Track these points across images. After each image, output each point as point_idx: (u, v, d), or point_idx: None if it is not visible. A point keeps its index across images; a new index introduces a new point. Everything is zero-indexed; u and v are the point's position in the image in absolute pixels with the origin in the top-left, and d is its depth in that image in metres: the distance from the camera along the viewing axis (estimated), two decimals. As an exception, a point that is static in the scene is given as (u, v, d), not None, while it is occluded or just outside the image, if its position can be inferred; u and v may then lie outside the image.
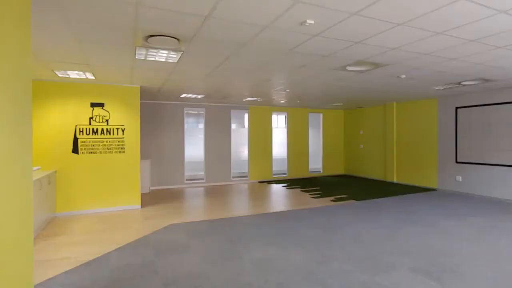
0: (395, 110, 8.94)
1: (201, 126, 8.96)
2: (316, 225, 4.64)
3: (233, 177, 9.26)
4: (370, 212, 5.46)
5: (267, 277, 2.93)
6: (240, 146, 9.67)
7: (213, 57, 3.94)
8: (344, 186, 8.41)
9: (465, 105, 7.16)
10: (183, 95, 7.20)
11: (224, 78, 5.27)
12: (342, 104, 9.24)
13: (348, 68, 4.51)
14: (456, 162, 7.33)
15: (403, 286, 2.73)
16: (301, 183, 8.91)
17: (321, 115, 10.70)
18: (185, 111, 8.63)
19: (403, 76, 5.12)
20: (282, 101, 8.46)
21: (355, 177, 10.19)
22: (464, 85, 6.03)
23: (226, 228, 4.55)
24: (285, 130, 10.16)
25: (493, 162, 6.62)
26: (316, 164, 10.76)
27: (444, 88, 6.40)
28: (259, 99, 7.99)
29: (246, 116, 9.57)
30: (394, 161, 8.96)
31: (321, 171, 10.74)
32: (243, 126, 9.85)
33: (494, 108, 6.59)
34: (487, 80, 5.55)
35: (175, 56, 3.85)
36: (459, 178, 7.26)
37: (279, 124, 10.77)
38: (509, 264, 3.21)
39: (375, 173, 9.74)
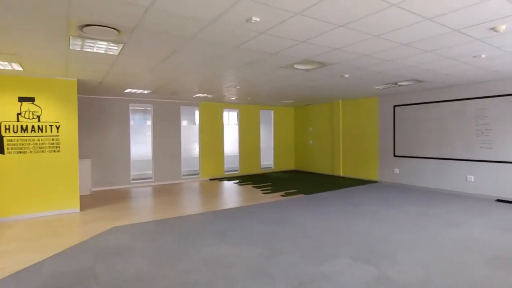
0: (341, 108, 9.48)
1: (149, 123, 8.60)
2: (266, 220, 4.75)
3: (184, 175, 9.06)
4: (318, 205, 5.74)
5: (216, 274, 2.93)
6: (191, 143, 9.49)
7: (158, 51, 3.80)
8: (294, 181, 8.71)
9: (401, 104, 7.85)
10: (127, 90, 6.83)
11: (171, 73, 5.11)
12: (292, 101, 9.54)
13: (296, 66, 4.67)
14: (394, 156, 8.03)
15: (345, 273, 2.93)
16: (253, 180, 9.03)
17: (272, 112, 10.93)
18: (131, 107, 8.21)
19: (347, 75, 5.45)
20: (233, 98, 8.47)
21: (305, 172, 10.61)
22: (400, 85, 6.61)
23: (175, 227, 4.45)
24: (236, 127, 10.20)
25: (424, 155, 7.37)
26: (267, 160, 10.98)
27: (383, 88, 6.94)
28: (210, 96, 7.91)
29: (197, 112, 9.40)
30: (341, 156, 9.51)
31: (273, 167, 10.99)
32: (194, 123, 9.68)
33: (426, 106, 7.33)
34: (419, 81, 6.14)
35: (115, 48, 3.64)
36: (397, 171, 7.96)
37: (231, 120, 10.78)
38: (436, 247, 3.61)
39: (323, 168, 10.24)
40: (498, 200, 5.97)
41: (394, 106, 8.01)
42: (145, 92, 7.08)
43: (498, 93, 6.13)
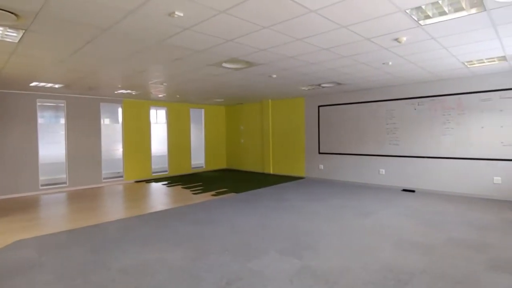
0: (270, 107, 9.83)
1: (63, 121, 7.71)
2: (195, 221, 4.67)
3: (105, 178, 8.36)
4: (248, 203, 5.85)
5: (137, 283, 2.77)
6: (114, 144, 8.80)
7: (69, 41, 3.42)
8: (225, 180, 8.74)
9: (325, 104, 8.48)
10: (34, 84, 6.00)
11: (87, 66, 4.66)
12: (223, 100, 9.55)
13: (224, 65, 4.67)
14: (319, 153, 8.64)
15: (271, 267, 3.05)
16: (183, 180, 8.79)
17: (203, 110, 10.78)
18: (39, 103, 7.24)
19: (274, 76, 5.66)
20: (161, 95, 8.11)
21: (236, 171, 10.74)
22: (323, 87, 7.13)
23: (92, 236, 4.07)
24: (165, 126, 9.80)
25: (345, 151, 8.10)
26: (198, 159, 10.81)
27: (309, 89, 7.40)
28: (134, 92, 7.43)
29: (120, 110, 8.76)
30: (270, 154, 9.87)
31: (204, 167, 10.87)
32: (117, 122, 9.00)
33: (346, 107, 8.05)
34: (339, 84, 6.70)
35: (14, 34, 3.17)
36: (321, 167, 8.59)
37: (159, 119, 10.32)
38: (352, 235, 4.00)
39: (254, 166, 10.50)
40: (404, 190, 6.88)
41: (319, 106, 8.62)
42: (56, 86, 6.32)
43: (403, 96, 7.05)
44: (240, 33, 3.28)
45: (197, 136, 10.80)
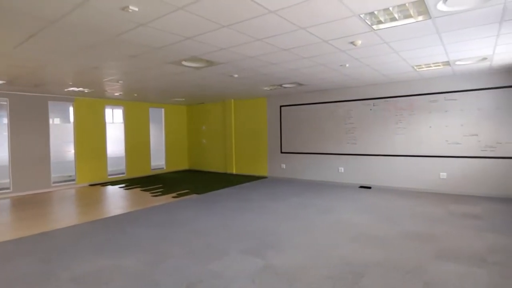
0: (233, 107, 9.81)
1: (6, 121, 7.06)
2: (154, 224, 4.52)
3: (55, 183, 7.81)
4: (210, 203, 5.79)
5: (92, 293, 2.62)
6: (65, 145, 8.25)
7: (10, 32, 3.14)
8: (187, 181, 8.58)
9: (287, 104, 8.65)
10: (-32, 78, 5.44)
11: (32, 61, 4.31)
12: (184, 99, 9.35)
13: (184, 63, 4.58)
14: (281, 152, 8.79)
15: (233, 268, 3.04)
16: (141, 182, 8.48)
17: (163, 110, 10.47)
18: (-25, 100, 6.58)
19: (236, 75, 5.66)
20: (117, 94, 7.74)
21: (198, 172, 10.58)
22: (285, 87, 7.26)
23: (40, 245, 3.78)
24: (122, 126, 9.37)
25: (306, 151, 8.32)
26: (159, 160, 10.49)
27: (270, 89, 7.50)
28: (87, 90, 7.02)
29: (71, 109, 8.22)
30: (233, 154, 9.86)
31: (164, 168, 10.57)
32: (69, 121, 8.45)
33: (307, 107, 8.27)
34: (300, 84, 6.87)
35: None
36: (284, 166, 8.75)
37: (115, 118, 9.87)
38: (313, 232, 4.12)
39: (217, 166, 10.42)
40: (361, 187, 7.23)
41: (281, 106, 8.77)
42: (-4, 82, 5.78)
43: (360, 97, 7.41)
44: (199, 31, 3.23)
45: (157, 137, 10.47)
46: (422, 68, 5.40)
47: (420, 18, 3.09)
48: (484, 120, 5.98)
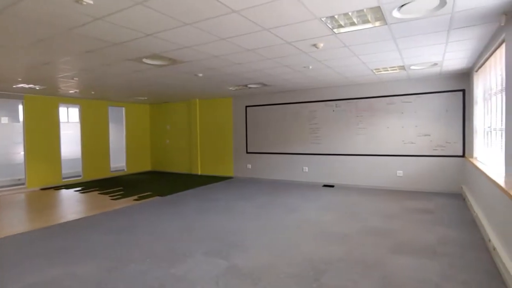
0: (198, 107, 9.68)
1: None
2: (113, 229, 4.33)
3: (2, 187, 7.20)
4: (174, 206, 5.67)
5: (42, 305, 2.45)
6: (13, 146, 7.65)
7: None
8: (149, 183, 8.32)
9: (252, 104, 8.70)
10: None
11: (-28, 53, 3.94)
12: (146, 98, 9.06)
13: (145, 60, 4.44)
14: (247, 152, 8.83)
15: (196, 270, 3.00)
16: (100, 185, 8.08)
17: (123, 108, 10.06)
18: None
19: (200, 74, 5.59)
20: (72, 91, 7.31)
21: (162, 173, 10.31)
22: (250, 88, 7.29)
23: (-17, 256, 3.47)
24: (78, 125, 8.86)
25: (272, 151, 8.42)
26: (119, 162, 10.07)
27: (236, 89, 7.50)
28: (38, 87, 6.55)
29: (21, 107, 7.64)
30: (198, 154, 9.72)
31: (125, 169, 10.16)
32: (18, 120, 7.84)
33: (273, 107, 8.38)
34: (265, 85, 6.94)
35: None
36: (249, 166, 8.79)
37: (71, 118, 9.32)
38: (279, 231, 4.18)
39: (181, 167, 10.21)
40: (324, 186, 7.46)
41: (246, 107, 8.80)
42: None
43: (323, 99, 7.64)
44: (160, 28, 3.15)
45: (117, 137, 10.04)
46: (381, 71, 5.70)
47: (377, 23, 3.25)
48: (435, 121, 6.43)
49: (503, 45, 3.29)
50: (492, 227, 3.49)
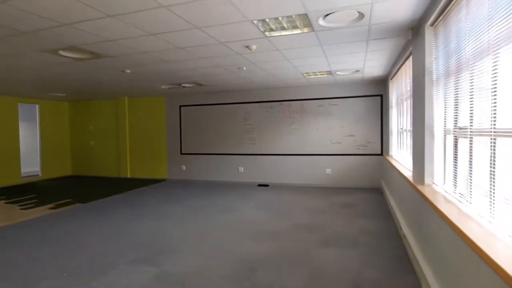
0: (127, 105, 9.11)
1: None
2: (23, 243, 3.83)
3: None
4: (99, 213, 5.24)
5: None
6: None
7: None
8: (69, 188, 7.57)
9: (187, 104, 8.50)
10: None
11: None
12: (65, 94, 8.21)
13: (62, 53, 4.02)
14: (181, 153, 8.59)
15: (122, 281, 2.82)
16: (7, 193, 7.08)
17: (37, 106, 8.97)
18: None
19: (128, 71, 5.27)
20: (-31, 83, 6.27)
21: (85, 177, 9.45)
22: (184, 87, 7.11)
23: None
24: (-21, 124, 7.64)
25: (207, 151, 8.34)
26: (32, 166, 8.95)
27: (169, 88, 7.24)
28: None
29: None
30: (128, 156, 9.15)
31: (40, 174, 9.06)
32: None
33: (208, 107, 8.30)
34: (200, 84, 6.84)
35: None
36: (184, 167, 8.57)
37: (-32, 115, 8.01)
38: (213, 233, 4.15)
39: (108, 171, 9.49)
40: (259, 185, 7.64)
41: (180, 106, 8.56)
42: None
43: (258, 100, 7.83)
44: (79, 18, 2.89)
45: (29, 138, 8.90)
46: (310, 75, 6.05)
47: (306, 30, 3.45)
48: (358, 123, 7.07)
49: (411, 57, 3.76)
50: (403, 217, 3.97)
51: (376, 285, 2.69)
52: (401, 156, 5.10)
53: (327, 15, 2.99)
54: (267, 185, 7.64)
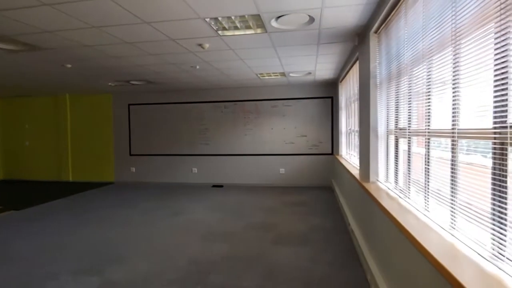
0: (68, 103, 8.46)
1: None
2: None
3: None
4: (36, 221, 4.80)
5: None
6: None
7: None
8: (0, 194, 6.82)
9: (137, 103, 8.13)
10: None
11: None
12: (-5, 89, 7.40)
13: (-11, 42, 3.62)
14: (130, 154, 8.20)
15: (63, 294, 2.61)
16: None
17: (-40, 101, 7.97)
18: None
19: (69, 65, 4.90)
20: None
21: (19, 182, 8.59)
22: (133, 84, 6.79)
23: None
24: None
25: (159, 152, 8.06)
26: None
27: (116, 85, 6.87)
28: None
29: None
30: (70, 158, 8.50)
31: (-35, 180, 8.07)
32: None
33: (160, 106, 8.01)
34: (150, 82, 6.58)
35: None
36: (133, 169, 8.18)
37: None
38: (164, 236, 4.01)
39: (46, 174, 8.72)
40: (213, 186, 7.57)
41: (129, 105, 8.16)
42: None
43: (212, 100, 7.75)
44: (9, 5, 2.62)
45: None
46: (265, 76, 6.14)
47: (259, 31, 3.48)
48: (310, 123, 7.33)
49: (358, 61, 3.99)
50: (351, 213, 4.19)
51: (326, 280, 2.81)
52: (349, 156, 5.38)
53: (280, 17, 3.05)
54: (221, 186, 7.59)
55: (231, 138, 7.69)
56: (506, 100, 1.18)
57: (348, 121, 5.61)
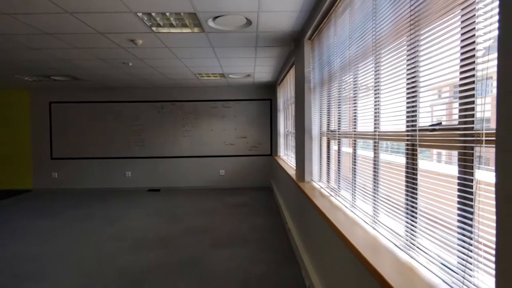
0: (-26, 99, 7.36)
1: None
2: None
3: None
4: None
5: None
6: None
7: None
8: None
9: (60, 101, 7.39)
10: None
11: None
12: None
13: None
14: (52, 158, 7.42)
15: (-37, 323, 2.26)
16: None
17: None
18: None
19: (-26, 55, 4.27)
20: None
21: None
22: (56, 80, 6.17)
23: None
24: None
25: (87, 155, 7.43)
26: None
27: (34, 80, 6.17)
28: None
29: None
30: (-24, 163, 7.40)
31: None
32: None
33: (89, 105, 7.39)
34: (76, 78, 6.04)
35: None
36: (55, 175, 7.42)
37: None
38: (93, 246, 3.70)
39: None
40: (149, 190, 7.23)
41: (51, 103, 7.40)
42: None
43: (148, 99, 7.40)
44: None
45: None
46: (204, 77, 6.06)
47: (196, 30, 3.43)
48: (250, 125, 7.44)
49: (294, 66, 4.17)
50: (288, 212, 4.35)
51: (263, 279, 2.87)
52: (287, 157, 5.59)
53: (217, 17, 3.05)
54: (158, 190, 7.29)
55: (169, 140, 7.44)
56: (416, 106, 1.34)
57: (285, 123, 5.83)
